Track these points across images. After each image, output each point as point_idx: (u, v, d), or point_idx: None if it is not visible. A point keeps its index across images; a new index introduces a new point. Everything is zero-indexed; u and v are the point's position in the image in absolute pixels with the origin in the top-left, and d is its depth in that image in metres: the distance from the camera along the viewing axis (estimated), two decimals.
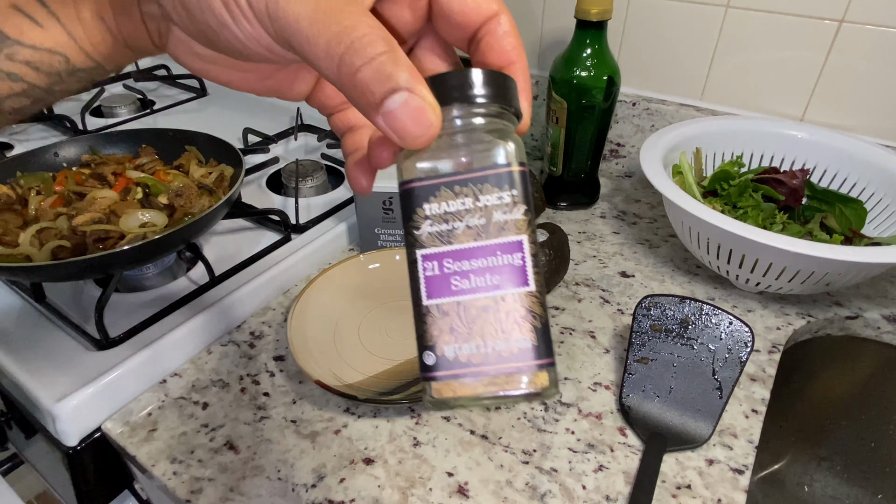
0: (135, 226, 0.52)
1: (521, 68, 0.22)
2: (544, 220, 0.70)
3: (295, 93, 0.26)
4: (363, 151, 0.25)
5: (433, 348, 0.19)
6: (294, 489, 0.40)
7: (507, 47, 0.22)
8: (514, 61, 0.22)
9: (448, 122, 0.20)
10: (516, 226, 0.19)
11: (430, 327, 0.20)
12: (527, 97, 0.22)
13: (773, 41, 0.64)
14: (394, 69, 0.18)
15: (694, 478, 0.41)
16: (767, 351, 0.51)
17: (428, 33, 0.24)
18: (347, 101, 0.25)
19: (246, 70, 0.24)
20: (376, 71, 0.18)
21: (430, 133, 0.18)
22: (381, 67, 0.18)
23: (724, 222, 0.48)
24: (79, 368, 0.46)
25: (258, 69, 0.24)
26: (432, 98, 0.18)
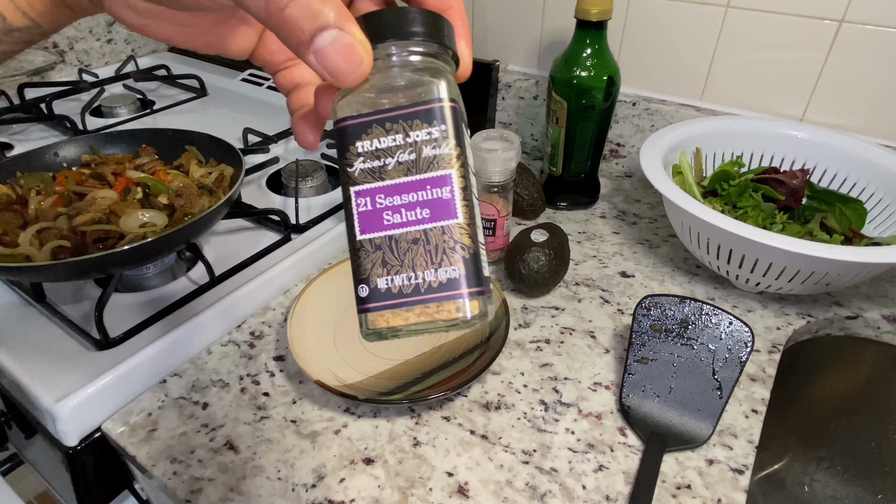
0: (135, 226, 0.52)
1: (458, 11, 0.23)
2: (544, 220, 0.70)
3: (236, 48, 0.26)
4: (309, 107, 0.25)
5: (367, 281, 0.20)
6: (294, 489, 0.40)
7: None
8: (451, 5, 0.23)
9: (381, 59, 0.20)
10: (445, 160, 0.20)
11: (364, 261, 0.20)
12: (466, 42, 0.23)
13: (773, 41, 0.64)
14: (321, 6, 0.18)
15: (694, 478, 0.41)
16: (767, 351, 0.51)
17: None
18: (292, 58, 0.26)
19: (184, 24, 0.24)
20: (304, 7, 0.18)
21: (360, 70, 0.19)
22: (308, 3, 0.18)
23: (724, 222, 0.48)
24: (79, 368, 0.46)
25: (197, 23, 0.24)
26: (362, 35, 0.19)
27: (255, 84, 1.02)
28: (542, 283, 0.55)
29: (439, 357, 0.49)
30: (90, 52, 1.09)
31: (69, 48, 1.05)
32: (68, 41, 1.05)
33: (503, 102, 0.84)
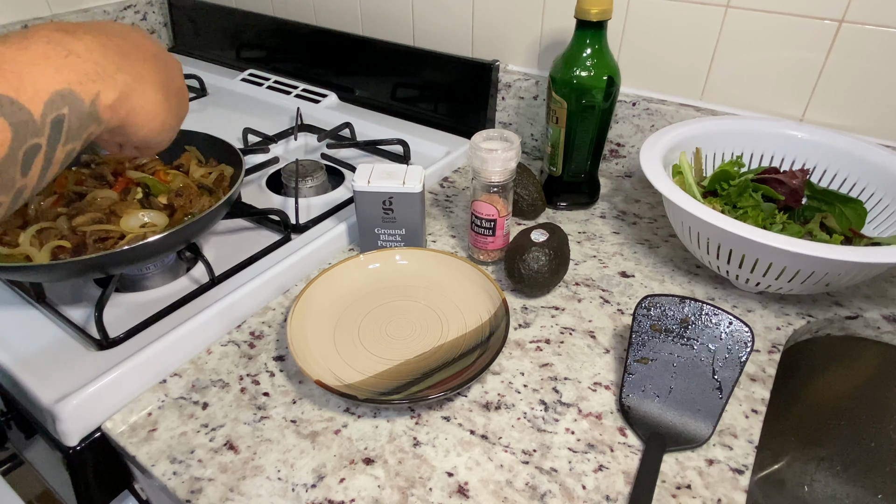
0: (135, 226, 0.52)
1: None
2: (544, 220, 0.70)
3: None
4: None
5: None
6: (294, 489, 0.40)
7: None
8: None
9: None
10: None
11: None
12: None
13: (773, 41, 0.64)
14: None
15: (694, 478, 0.41)
16: (767, 351, 0.51)
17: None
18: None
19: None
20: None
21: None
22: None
23: (724, 222, 0.48)
24: (79, 368, 0.46)
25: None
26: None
27: (255, 84, 1.02)
28: (542, 283, 0.55)
29: (439, 357, 0.49)
30: None
31: None
32: None
33: (503, 102, 0.84)
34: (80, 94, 0.31)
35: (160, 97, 0.38)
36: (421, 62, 0.88)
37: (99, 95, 0.33)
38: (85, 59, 0.32)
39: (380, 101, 0.95)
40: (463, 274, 0.56)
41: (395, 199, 0.57)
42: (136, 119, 0.36)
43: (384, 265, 0.58)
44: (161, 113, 0.38)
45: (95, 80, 0.32)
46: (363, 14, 0.94)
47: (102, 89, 0.33)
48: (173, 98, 0.40)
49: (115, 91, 0.34)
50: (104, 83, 0.33)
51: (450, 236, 0.66)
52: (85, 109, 0.32)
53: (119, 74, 0.34)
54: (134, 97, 0.36)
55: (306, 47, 1.01)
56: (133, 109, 0.36)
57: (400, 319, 0.53)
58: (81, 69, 0.32)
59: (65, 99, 0.31)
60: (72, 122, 0.31)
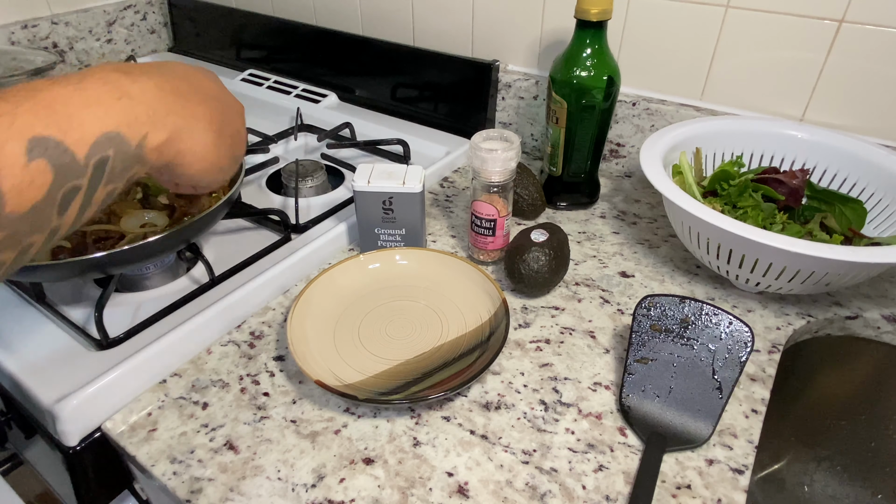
0: (135, 226, 0.52)
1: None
2: (544, 220, 0.70)
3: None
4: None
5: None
6: (294, 489, 0.40)
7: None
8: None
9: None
10: None
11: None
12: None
13: (773, 41, 0.64)
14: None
15: (694, 478, 0.41)
16: (767, 351, 0.51)
17: None
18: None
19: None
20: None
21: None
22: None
23: (724, 222, 0.48)
24: (79, 368, 0.46)
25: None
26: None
27: (255, 84, 1.02)
28: (542, 283, 0.55)
29: (439, 357, 0.49)
30: (90, 52, 1.09)
31: (69, 48, 1.06)
32: (68, 41, 1.05)
33: (503, 102, 0.84)
34: (127, 136, 0.31)
35: (211, 139, 0.38)
36: (421, 62, 0.88)
37: (146, 137, 0.33)
38: (137, 102, 0.32)
39: (380, 101, 0.95)
40: (463, 274, 0.56)
41: (395, 199, 0.57)
42: (184, 160, 0.36)
43: (384, 265, 0.58)
44: (211, 154, 0.38)
45: (145, 122, 0.32)
46: (363, 14, 0.94)
47: (151, 131, 0.33)
48: (227, 139, 0.40)
49: (164, 133, 0.34)
50: (153, 125, 0.33)
51: (450, 236, 0.66)
52: (130, 151, 0.32)
53: (170, 117, 0.34)
54: (183, 139, 0.35)
55: (306, 47, 1.01)
56: (181, 151, 0.36)
57: (400, 319, 0.53)
58: (132, 112, 0.31)
59: (111, 141, 0.30)
60: (115, 164, 0.31)
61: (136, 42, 1.16)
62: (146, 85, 0.33)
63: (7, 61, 0.93)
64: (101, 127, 0.30)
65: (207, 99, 0.38)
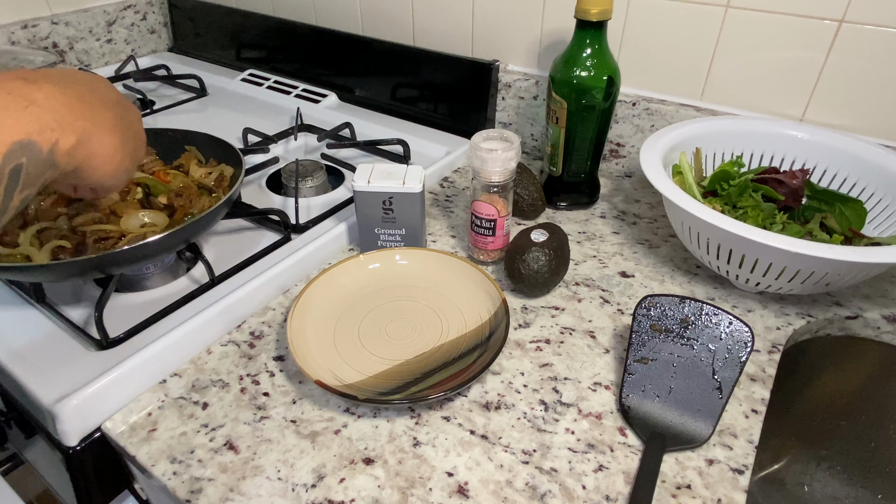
0: (135, 226, 0.52)
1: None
2: (544, 220, 0.70)
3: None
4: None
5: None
6: (294, 489, 0.40)
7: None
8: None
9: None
10: None
11: None
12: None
13: (773, 41, 0.64)
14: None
15: (694, 478, 0.41)
16: (767, 351, 0.51)
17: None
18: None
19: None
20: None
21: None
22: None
23: (724, 222, 0.48)
24: (79, 368, 0.46)
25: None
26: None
27: (255, 84, 1.02)
28: (542, 283, 0.55)
29: (439, 357, 0.49)
30: (90, 52, 1.09)
31: (69, 48, 1.06)
32: (68, 41, 1.05)
33: (503, 102, 0.84)
34: (38, 142, 0.32)
35: (117, 142, 0.39)
36: (421, 62, 0.88)
37: (57, 143, 0.33)
38: (45, 108, 0.32)
39: (380, 101, 0.95)
40: (463, 274, 0.56)
41: (395, 199, 0.57)
42: (92, 163, 0.37)
43: (384, 265, 0.58)
44: (117, 157, 0.39)
45: (55, 128, 0.33)
46: (363, 14, 0.94)
47: (61, 137, 0.33)
48: (130, 143, 0.41)
49: (73, 137, 0.35)
50: (63, 131, 0.34)
51: (450, 236, 0.66)
52: (43, 157, 0.33)
53: (78, 121, 0.35)
54: (91, 142, 0.36)
55: (306, 47, 1.01)
56: (90, 154, 0.37)
57: (400, 319, 0.53)
58: (41, 119, 0.32)
59: (24, 149, 0.31)
60: (29, 170, 0.32)
61: (136, 42, 1.16)
62: (51, 91, 0.33)
63: (7, 61, 0.93)
64: (12, 135, 0.30)
65: (108, 104, 0.39)
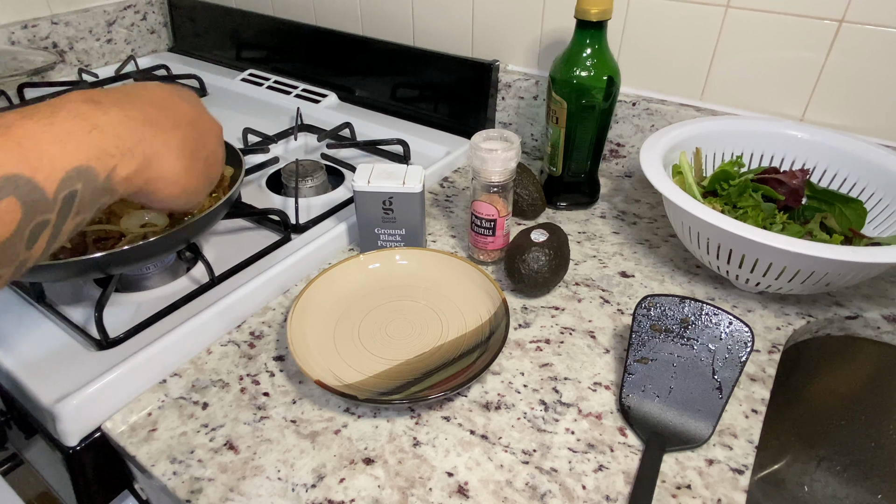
0: (135, 226, 0.52)
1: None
2: (544, 220, 0.70)
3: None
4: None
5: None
6: (294, 489, 0.40)
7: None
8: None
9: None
10: None
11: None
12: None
13: (773, 41, 0.64)
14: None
15: (694, 478, 0.41)
16: (767, 351, 0.51)
17: None
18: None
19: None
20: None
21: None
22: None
23: (724, 222, 0.48)
24: (79, 368, 0.46)
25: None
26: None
27: (255, 84, 1.02)
28: (542, 283, 0.55)
29: (439, 357, 0.49)
30: (90, 51, 1.09)
31: (69, 48, 1.06)
32: (68, 41, 1.05)
33: (503, 102, 0.84)
34: (96, 168, 0.31)
35: (183, 165, 0.38)
36: (421, 62, 0.88)
37: (115, 169, 0.33)
38: (108, 134, 0.32)
39: (380, 101, 0.95)
40: (463, 274, 0.56)
41: (395, 199, 0.57)
42: (155, 187, 0.37)
43: (384, 265, 0.58)
44: (181, 180, 0.38)
45: (114, 154, 0.32)
46: (363, 14, 0.94)
47: (120, 163, 0.33)
48: (200, 164, 0.40)
49: (134, 164, 0.34)
50: (122, 157, 0.33)
51: (450, 236, 0.66)
52: (99, 183, 0.32)
53: (140, 146, 0.34)
54: (154, 167, 0.36)
55: (306, 47, 1.01)
56: (151, 179, 0.36)
57: (400, 319, 0.53)
58: (102, 145, 0.32)
59: (80, 175, 0.30)
60: (84, 196, 0.31)
61: (136, 42, 1.16)
62: (116, 116, 0.33)
63: (7, 61, 0.93)
64: (71, 162, 0.30)
65: (180, 125, 0.38)
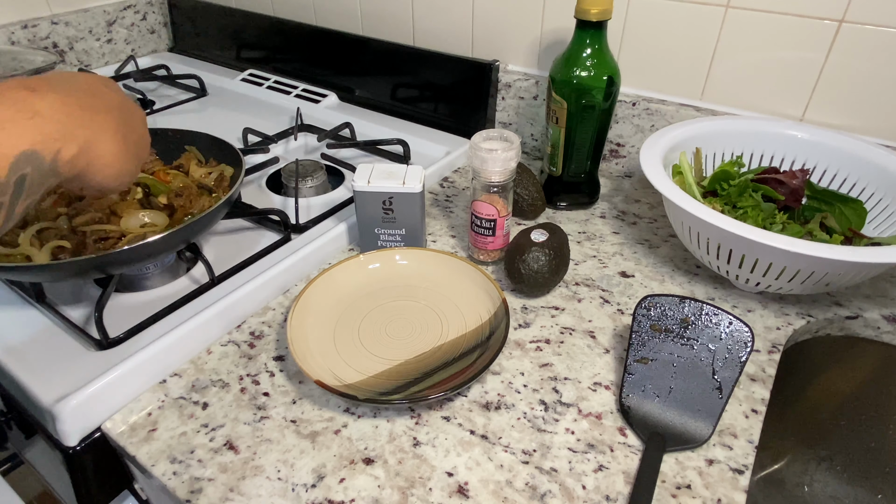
0: (135, 226, 0.52)
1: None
2: (544, 220, 0.70)
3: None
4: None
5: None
6: (294, 489, 0.40)
7: None
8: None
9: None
10: None
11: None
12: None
13: (773, 41, 0.64)
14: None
15: (694, 478, 0.41)
16: (767, 351, 0.51)
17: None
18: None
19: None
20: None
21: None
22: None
23: (724, 222, 0.48)
24: (79, 368, 0.46)
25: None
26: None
27: (255, 84, 1.02)
28: (542, 283, 0.55)
29: (439, 357, 0.49)
30: (90, 52, 1.09)
31: (69, 48, 1.06)
32: (68, 41, 1.05)
33: (503, 102, 0.84)
34: (42, 152, 0.33)
35: (119, 147, 0.40)
36: (421, 62, 0.88)
37: (60, 152, 0.34)
38: (48, 119, 0.33)
39: (380, 101, 0.95)
40: (463, 274, 0.56)
41: (395, 199, 0.57)
42: (94, 168, 0.38)
43: (384, 265, 0.58)
44: (118, 161, 0.40)
45: (57, 138, 0.34)
46: (363, 14, 0.94)
47: (63, 146, 0.34)
48: (132, 147, 0.42)
49: (76, 146, 0.36)
50: (65, 140, 0.35)
51: (450, 236, 0.66)
52: (46, 166, 0.33)
53: (79, 130, 0.36)
54: (93, 149, 0.37)
55: (306, 47, 1.01)
56: (91, 161, 0.37)
57: (400, 319, 0.53)
58: (44, 129, 0.33)
59: (28, 159, 0.32)
60: (33, 179, 0.33)
61: (136, 42, 1.16)
62: (53, 100, 0.34)
63: (7, 61, 0.93)
64: (18, 147, 0.31)
65: (111, 109, 0.40)
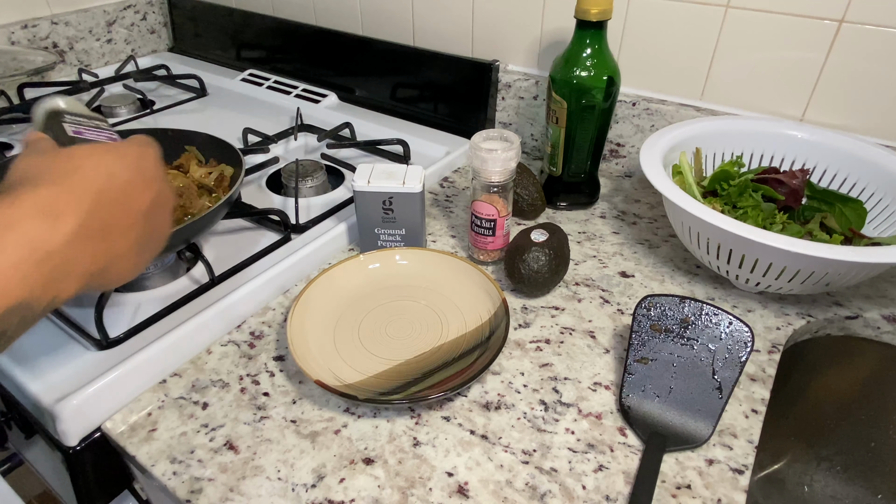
0: None
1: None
2: (544, 219, 0.70)
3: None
4: None
5: None
6: (294, 489, 0.40)
7: None
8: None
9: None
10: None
11: None
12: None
13: (773, 41, 0.64)
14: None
15: (694, 478, 0.41)
16: (767, 351, 0.51)
17: None
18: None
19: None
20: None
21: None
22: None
23: (724, 222, 0.48)
24: (79, 368, 0.46)
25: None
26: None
27: (255, 84, 1.02)
28: (542, 283, 0.55)
29: (439, 357, 0.49)
30: (90, 51, 1.09)
31: (69, 48, 1.06)
32: (68, 41, 1.05)
33: (503, 102, 0.84)
34: (37, 299, 0.29)
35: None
36: (421, 62, 0.88)
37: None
38: (59, 261, 0.29)
39: (380, 101, 0.95)
40: (463, 274, 0.56)
41: (395, 199, 0.57)
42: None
43: (384, 265, 0.58)
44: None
45: (62, 279, 0.30)
46: (363, 14, 0.94)
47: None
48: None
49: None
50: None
51: (450, 236, 0.66)
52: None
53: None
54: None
55: (306, 47, 1.01)
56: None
57: (400, 319, 0.53)
58: (51, 274, 0.29)
59: (20, 309, 0.28)
60: (17, 329, 0.29)
61: (136, 42, 1.16)
62: (71, 230, 0.30)
63: (7, 61, 0.93)
64: (11, 299, 0.27)
65: (137, 221, 0.35)
